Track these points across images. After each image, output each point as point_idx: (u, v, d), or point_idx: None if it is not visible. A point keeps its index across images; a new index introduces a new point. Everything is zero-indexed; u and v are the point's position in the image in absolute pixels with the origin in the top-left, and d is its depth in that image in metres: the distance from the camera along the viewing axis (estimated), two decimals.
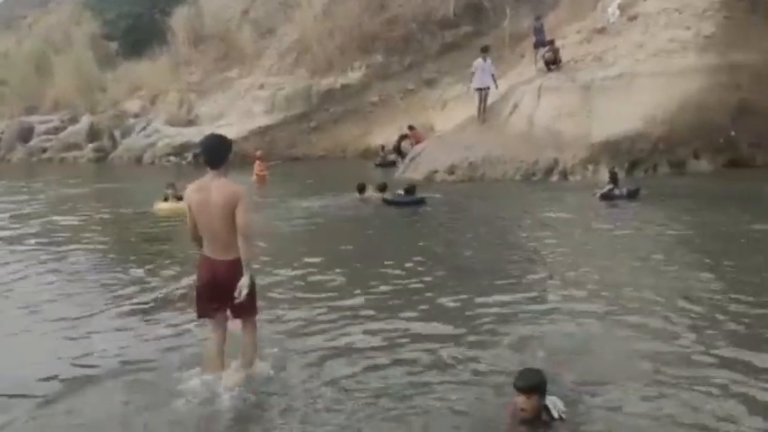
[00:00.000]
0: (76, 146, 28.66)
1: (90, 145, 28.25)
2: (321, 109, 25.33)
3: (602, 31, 18.24)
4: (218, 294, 4.14)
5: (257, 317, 4.48)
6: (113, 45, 33.61)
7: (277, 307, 5.92)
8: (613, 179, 12.00)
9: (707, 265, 7.15)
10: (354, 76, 25.91)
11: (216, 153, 4.20)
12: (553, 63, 17.33)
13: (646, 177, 13.83)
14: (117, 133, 28.41)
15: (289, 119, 25.33)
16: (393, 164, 19.42)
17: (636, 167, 14.47)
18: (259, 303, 4.49)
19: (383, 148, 21.04)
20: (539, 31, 18.77)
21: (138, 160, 26.05)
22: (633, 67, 15.84)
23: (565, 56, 17.52)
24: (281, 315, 5.74)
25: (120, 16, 33.14)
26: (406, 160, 18.05)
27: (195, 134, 25.94)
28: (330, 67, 26.29)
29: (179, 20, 30.70)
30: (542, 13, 21.52)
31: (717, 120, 14.45)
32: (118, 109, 29.46)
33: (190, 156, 25.03)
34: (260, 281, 4.61)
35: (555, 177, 14.92)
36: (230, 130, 25.41)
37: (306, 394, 4.14)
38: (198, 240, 4.26)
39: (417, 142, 19.09)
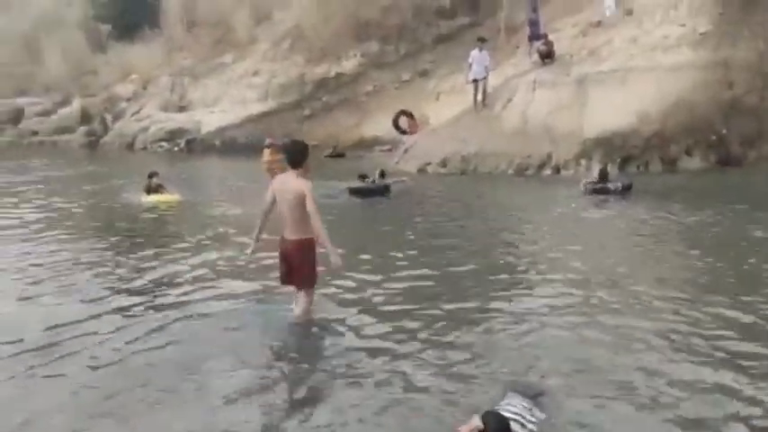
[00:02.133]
0: (68, 129, 28.44)
1: (81, 128, 28.05)
2: (315, 97, 25.21)
3: (597, 25, 18.25)
4: (286, 265, 5.33)
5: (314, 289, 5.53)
6: (105, 27, 33.22)
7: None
8: (603, 177, 12.04)
9: (691, 264, 7.24)
10: (349, 64, 25.77)
11: (296, 156, 5.24)
12: (548, 56, 17.33)
13: (638, 174, 13.89)
14: (108, 117, 28.21)
15: (282, 107, 25.21)
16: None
17: (628, 163, 14.54)
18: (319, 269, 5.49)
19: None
20: (534, 23, 18.73)
21: (130, 146, 25.88)
22: (627, 63, 15.87)
23: (559, 49, 17.52)
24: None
25: None
26: (400, 151, 18.04)
27: (187, 120, 25.86)
28: (325, 54, 26.13)
29: (172, 3, 30.38)
30: (538, 5, 21.44)
31: (709, 117, 14.51)
32: (109, 92, 29.20)
33: (182, 142, 24.91)
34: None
35: (547, 172, 14.97)
36: (223, 117, 25.39)
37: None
38: (264, 215, 5.40)
39: (413, 132, 19.09)
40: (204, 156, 23.07)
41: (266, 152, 17.28)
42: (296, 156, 5.22)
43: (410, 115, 20.11)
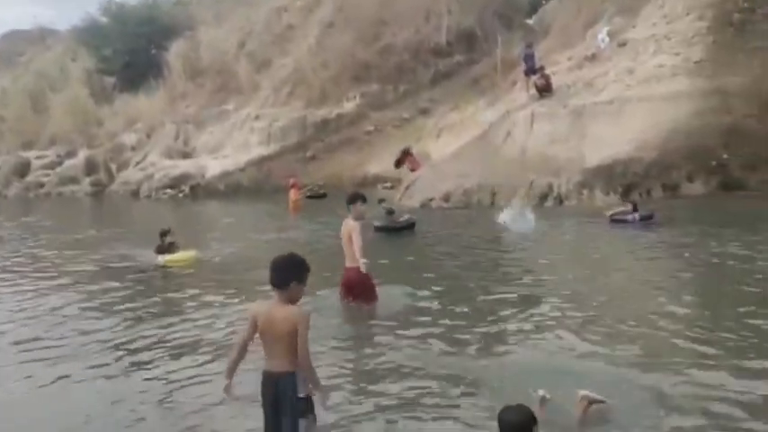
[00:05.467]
0: (74, 180, 28.77)
1: (87, 179, 28.37)
2: (317, 139, 25.53)
3: (592, 57, 18.53)
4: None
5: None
6: (110, 80, 33.98)
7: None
8: (634, 208, 12.06)
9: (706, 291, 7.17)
10: (349, 105, 26.19)
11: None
12: (545, 90, 17.55)
13: (640, 201, 13.86)
14: (113, 167, 28.55)
15: (285, 149, 25.51)
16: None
17: (630, 191, 14.51)
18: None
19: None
20: (530, 57, 19.00)
21: (135, 193, 26.10)
22: (623, 93, 16.05)
23: (556, 82, 17.75)
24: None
25: (116, 52, 33.64)
26: (402, 188, 18.11)
27: (191, 166, 26.14)
28: (325, 97, 26.58)
29: (175, 54, 31.12)
30: (533, 40, 21.86)
31: (708, 143, 14.56)
32: (114, 142, 29.64)
33: (186, 188, 25.12)
34: None
35: (550, 203, 14.97)
36: (227, 162, 25.66)
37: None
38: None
39: (413, 169, 19.19)
40: (208, 201, 23.19)
41: (292, 192, 17.78)
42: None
43: (408, 153, 20.15)
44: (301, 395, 3.44)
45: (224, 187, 24.59)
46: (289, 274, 3.52)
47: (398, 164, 20.05)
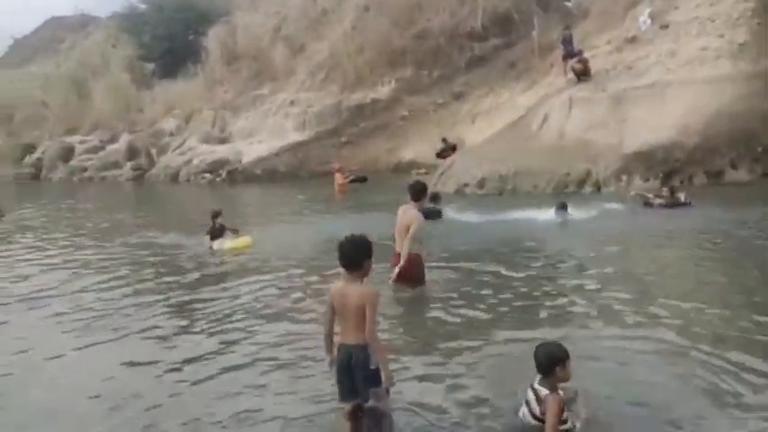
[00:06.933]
0: (115, 164, 29.54)
1: (128, 163, 29.09)
2: (351, 124, 25.63)
3: (632, 40, 18.14)
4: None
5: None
6: (149, 66, 34.60)
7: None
8: (672, 193, 11.99)
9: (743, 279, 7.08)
10: (384, 90, 26.19)
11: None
12: (583, 74, 17.29)
13: (681, 188, 13.62)
14: (154, 152, 29.19)
15: (319, 134, 25.69)
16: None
17: (671, 178, 14.29)
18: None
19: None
20: (567, 41, 18.72)
21: (175, 178, 26.67)
22: (665, 76, 15.71)
23: (595, 66, 17.47)
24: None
25: (155, 38, 34.23)
26: (436, 174, 18.12)
27: (228, 151, 26.57)
28: (360, 82, 26.62)
29: (213, 39, 31.52)
30: (571, 23, 21.50)
31: (753, 128, 14.18)
32: (154, 128, 30.28)
33: (224, 172, 25.57)
34: None
35: (588, 189, 14.83)
36: (263, 147, 26.00)
37: None
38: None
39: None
40: (246, 185, 23.59)
41: (338, 176, 18.30)
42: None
43: (455, 148, 19.97)
44: (373, 367, 3.71)
45: (260, 172, 24.94)
46: (360, 254, 3.78)
47: (442, 156, 19.89)
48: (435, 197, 12.38)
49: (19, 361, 5.59)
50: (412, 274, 6.83)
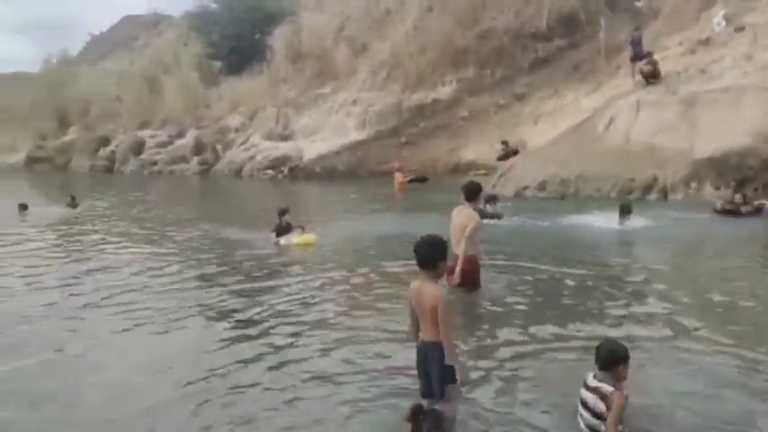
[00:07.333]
0: (183, 159, 30.66)
1: (195, 158, 30.13)
2: (411, 124, 25.73)
3: (706, 42, 17.50)
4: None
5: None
6: (217, 64, 35.72)
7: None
8: (745, 201, 11.65)
9: None
10: (445, 90, 26.16)
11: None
12: (652, 76, 16.78)
13: (755, 196, 13.07)
14: (219, 147, 30.14)
15: (379, 134, 25.91)
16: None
17: (744, 185, 13.70)
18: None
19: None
20: (636, 42, 18.18)
21: (238, 173, 27.46)
22: (740, 80, 15.08)
23: (665, 68, 16.93)
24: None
25: (223, 37, 35.30)
26: (496, 176, 17.99)
27: (290, 148, 27.16)
28: (421, 82, 26.69)
29: (279, 39, 32.27)
30: (641, 24, 20.88)
31: None
32: (220, 124, 31.26)
33: (285, 169, 26.14)
34: None
35: (654, 195, 14.41)
36: (323, 145, 26.44)
37: None
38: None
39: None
40: (306, 182, 24.05)
41: (398, 175, 18.54)
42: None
43: (517, 152, 19.72)
44: (448, 363, 3.80)
45: (320, 170, 25.37)
46: (435, 255, 3.88)
47: (503, 159, 19.67)
48: (493, 199, 12.30)
49: (86, 340, 5.95)
50: (468, 277, 6.71)
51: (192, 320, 6.51)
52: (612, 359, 3.76)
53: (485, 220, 8.88)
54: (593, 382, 3.77)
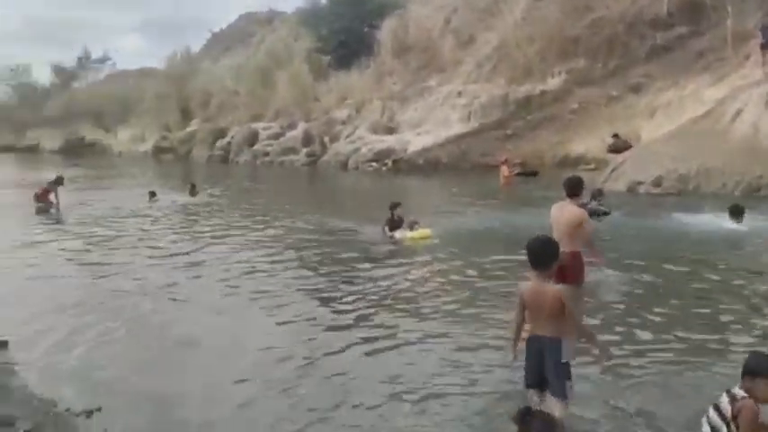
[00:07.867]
0: (293, 150, 31.87)
1: (304, 150, 31.25)
2: (518, 116, 25.24)
3: None
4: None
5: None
6: (326, 58, 36.77)
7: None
8: None
9: None
10: (554, 82, 25.44)
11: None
12: None
13: None
14: (326, 139, 31.07)
15: (484, 126, 25.63)
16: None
17: None
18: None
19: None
20: (767, 29, 16.83)
21: (344, 165, 28.18)
22: None
23: None
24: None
25: (332, 32, 36.24)
26: (607, 170, 17.32)
27: (395, 141, 27.49)
28: (528, 73, 26.10)
29: (386, 32, 32.70)
30: None
31: None
32: (328, 117, 32.20)
33: (389, 162, 26.51)
34: None
35: None
36: (427, 138, 26.55)
37: None
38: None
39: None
40: (409, 175, 24.24)
41: (503, 168, 18.35)
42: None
43: (629, 147, 18.81)
44: (564, 360, 3.86)
45: (423, 162, 25.48)
46: (549, 255, 3.97)
47: (615, 151, 18.91)
48: (599, 194, 11.77)
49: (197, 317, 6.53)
50: (573, 273, 6.23)
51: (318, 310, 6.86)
52: (750, 370, 3.42)
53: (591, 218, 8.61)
54: (732, 389, 3.53)
